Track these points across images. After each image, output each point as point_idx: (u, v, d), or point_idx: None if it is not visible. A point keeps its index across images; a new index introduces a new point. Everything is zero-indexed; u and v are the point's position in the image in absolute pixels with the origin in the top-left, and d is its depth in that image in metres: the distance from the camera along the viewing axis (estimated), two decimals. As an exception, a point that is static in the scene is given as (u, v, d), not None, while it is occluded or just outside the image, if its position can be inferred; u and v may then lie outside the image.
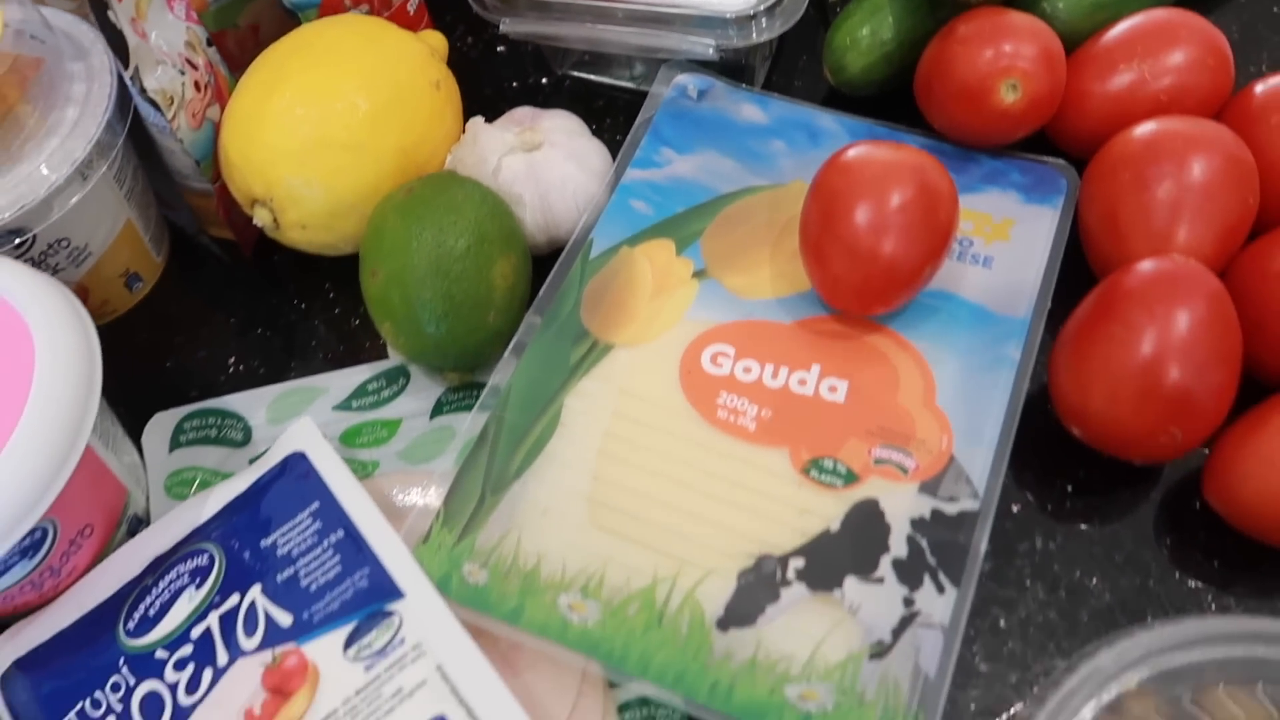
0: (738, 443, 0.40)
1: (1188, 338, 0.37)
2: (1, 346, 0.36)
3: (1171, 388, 0.37)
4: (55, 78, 0.42)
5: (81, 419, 0.35)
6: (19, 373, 0.35)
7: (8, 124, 0.41)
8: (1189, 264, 0.39)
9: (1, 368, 0.35)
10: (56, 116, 0.42)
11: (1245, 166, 0.42)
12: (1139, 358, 0.37)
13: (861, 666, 0.35)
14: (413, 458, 0.44)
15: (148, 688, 0.36)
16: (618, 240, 0.46)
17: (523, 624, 0.37)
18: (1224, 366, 0.38)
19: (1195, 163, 0.41)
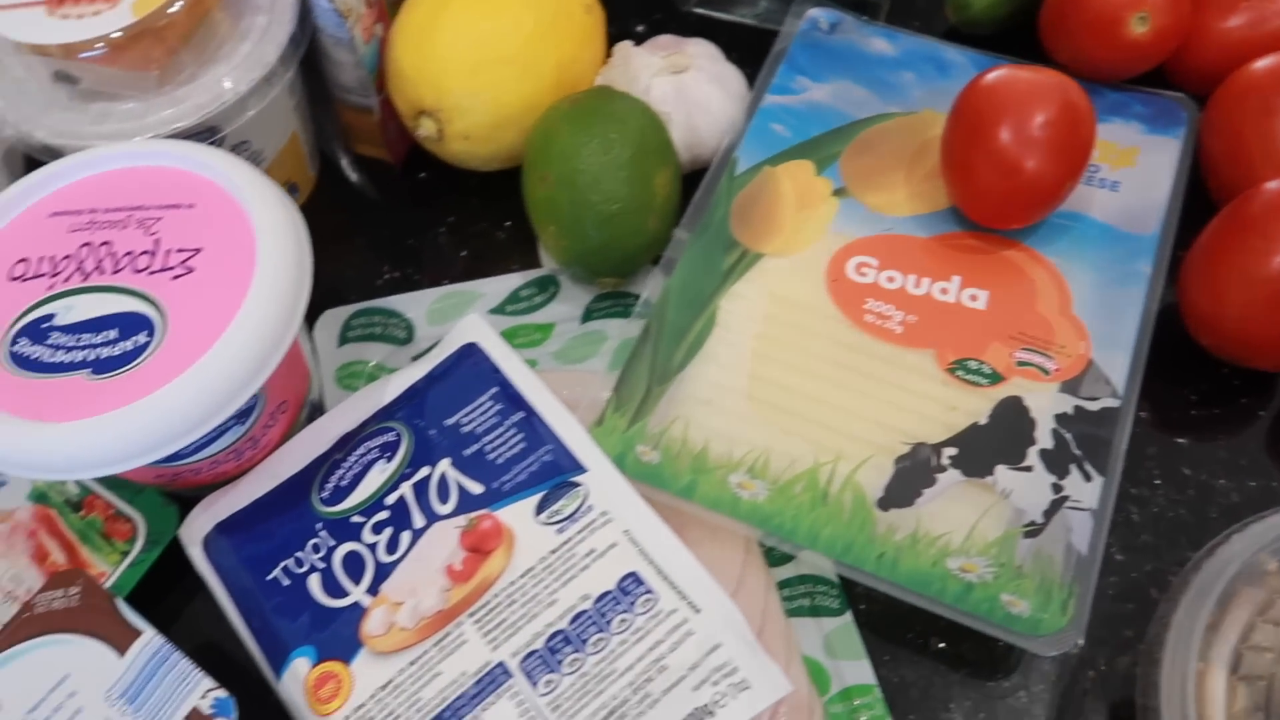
0: (885, 345, 0.43)
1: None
2: (228, 231, 0.38)
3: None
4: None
5: (297, 300, 0.38)
6: (243, 256, 0.38)
7: (205, 27, 0.43)
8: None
9: (229, 251, 0.38)
10: (247, 23, 0.45)
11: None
12: (1275, 267, 0.40)
13: (1017, 543, 0.38)
14: (566, 358, 0.47)
15: (348, 548, 0.39)
16: (760, 160, 0.49)
17: (696, 498, 0.40)
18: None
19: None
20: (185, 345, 0.36)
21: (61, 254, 0.38)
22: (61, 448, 0.34)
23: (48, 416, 0.34)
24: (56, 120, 0.43)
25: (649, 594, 0.36)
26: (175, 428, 0.35)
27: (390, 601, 0.37)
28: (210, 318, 0.36)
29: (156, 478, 0.40)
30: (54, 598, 0.37)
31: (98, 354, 0.36)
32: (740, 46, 0.56)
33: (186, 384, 0.35)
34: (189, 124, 0.43)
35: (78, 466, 0.34)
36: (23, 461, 0.34)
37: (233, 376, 0.36)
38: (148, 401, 0.34)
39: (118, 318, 0.36)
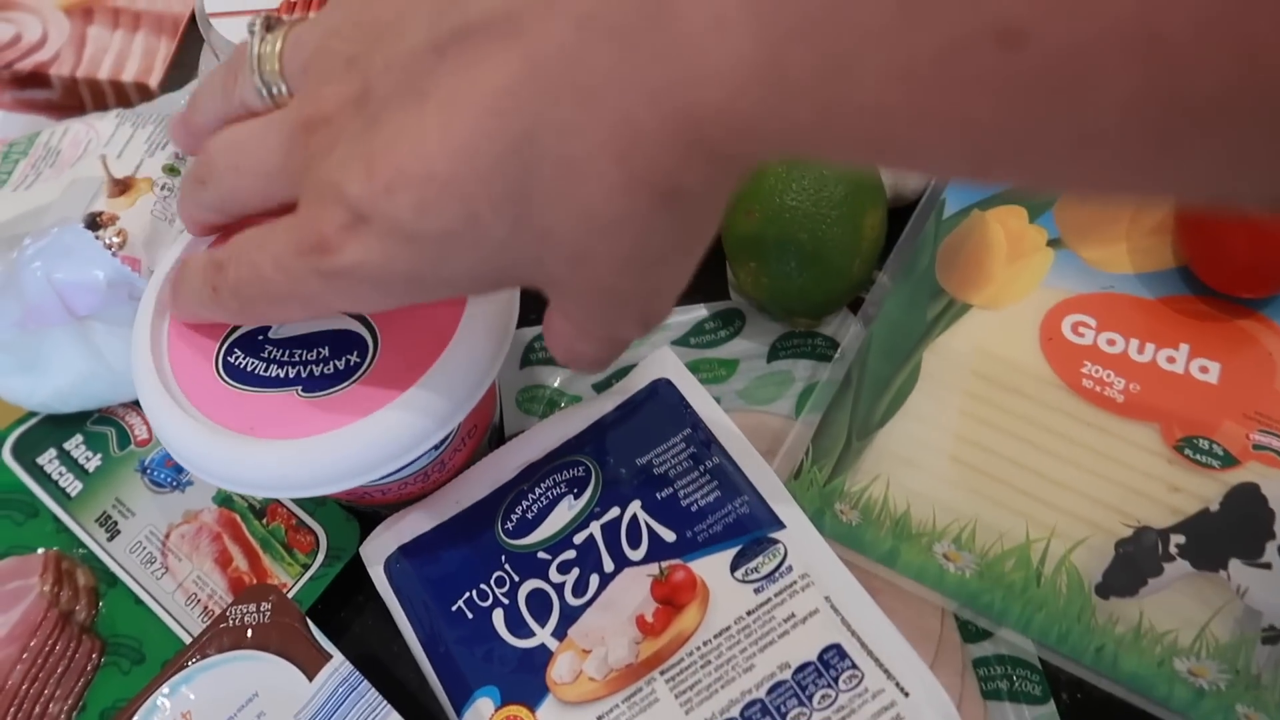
0: (1104, 413, 0.40)
1: None
2: None
3: None
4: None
5: (508, 325, 0.37)
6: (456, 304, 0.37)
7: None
8: None
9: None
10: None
11: None
12: None
13: (1255, 649, 0.35)
14: (751, 398, 0.45)
15: (533, 585, 0.38)
16: (969, 202, 0.46)
17: (899, 566, 0.38)
18: None
19: None
20: (396, 368, 0.35)
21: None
22: (271, 466, 0.34)
23: (259, 433, 0.34)
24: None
25: (853, 670, 0.34)
26: (383, 453, 0.34)
27: (578, 648, 0.36)
28: (422, 342, 0.36)
29: (346, 493, 0.39)
30: (246, 612, 0.37)
31: (309, 371, 0.35)
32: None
33: (399, 410, 0.34)
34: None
35: (285, 485, 0.34)
36: (232, 476, 0.34)
37: (443, 404, 0.35)
38: (359, 426, 0.34)
39: (330, 334, 0.36)
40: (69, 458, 0.45)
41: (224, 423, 0.34)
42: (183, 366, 0.35)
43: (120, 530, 0.43)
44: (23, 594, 0.41)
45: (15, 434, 0.46)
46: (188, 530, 0.43)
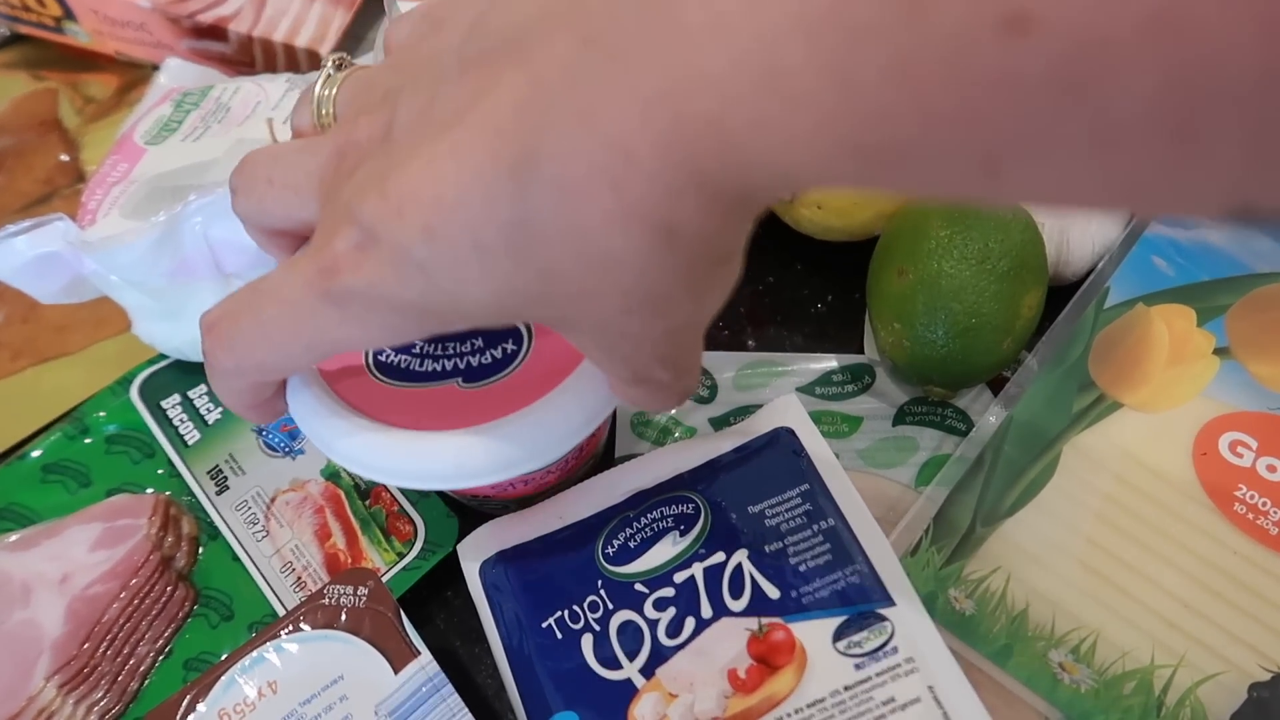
0: (1256, 545, 0.38)
1: None
2: None
3: None
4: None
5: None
6: None
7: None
8: None
9: None
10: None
11: None
12: None
13: (1392, 829, 0.32)
14: (873, 460, 0.44)
15: (626, 616, 0.37)
16: (1134, 295, 0.44)
17: (1009, 667, 0.36)
18: None
19: None
20: (554, 353, 0.35)
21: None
22: (442, 460, 0.33)
23: (425, 426, 0.33)
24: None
25: None
26: (553, 437, 0.33)
27: (665, 690, 0.35)
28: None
29: (491, 489, 0.39)
30: (343, 592, 0.37)
31: (468, 362, 0.35)
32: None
33: (563, 394, 0.33)
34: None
35: (454, 476, 0.33)
36: (402, 471, 0.34)
37: (601, 387, 0.34)
38: (527, 413, 0.33)
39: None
40: (192, 406, 0.46)
41: (390, 420, 0.34)
42: (335, 374, 0.35)
43: (229, 486, 0.44)
44: (130, 533, 0.42)
45: (144, 374, 0.47)
46: (293, 498, 0.44)
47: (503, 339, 0.35)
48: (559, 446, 0.34)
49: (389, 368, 0.35)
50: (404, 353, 0.35)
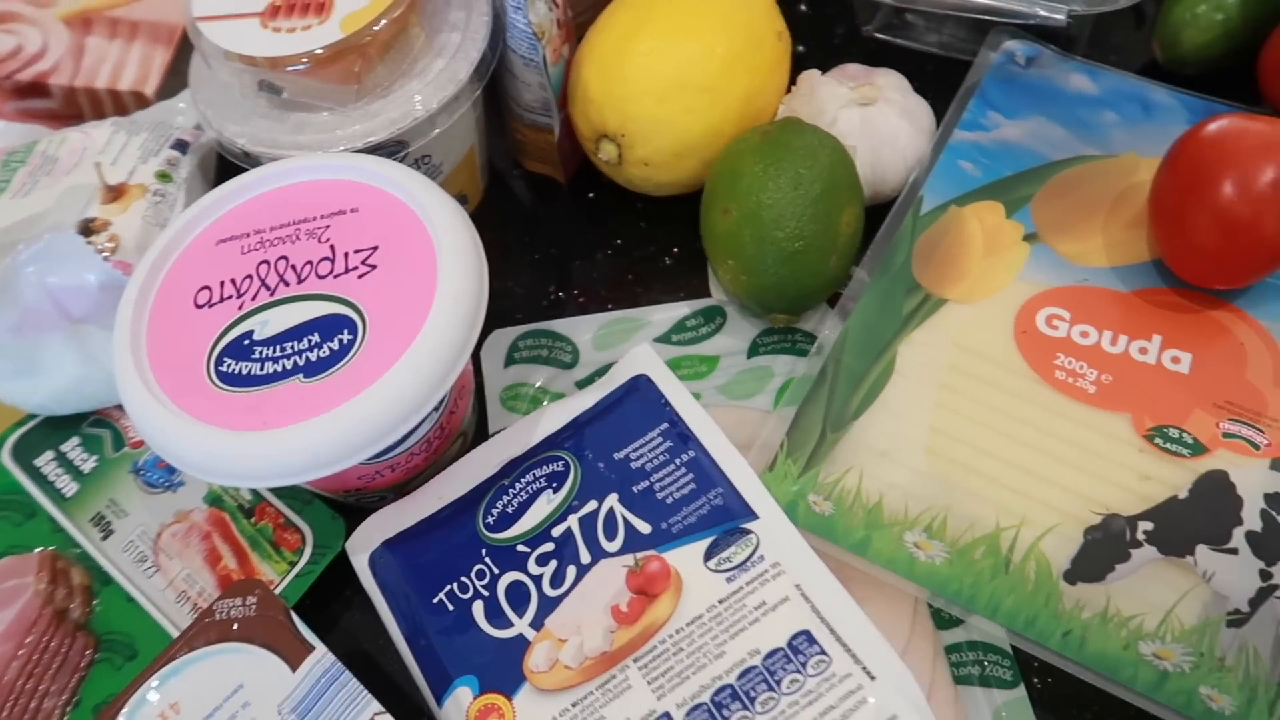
0: (1076, 404, 0.41)
1: None
2: (398, 225, 0.39)
3: None
4: (440, 4, 0.45)
5: (481, 275, 0.39)
6: (420, 242, 0.38)
7: (402, 43, 0.44)
8: None
9: (405, 242, 0.39)
10: (442, 39, 0.45)
11: None
12: None
13: (1219, 631, 0.35)
14: (732, 393, 0.46)
15: (512, 577, 0.39)
16: (946, 199, 0.47)
17: (870, 555, 0.38)
18: None
19: None
20: (391, 335, 0.36)
21: (241, 275, 0.39)
22: (291, 451, 0.35)
23: (273, 424, 0.35)
24: (257, 128, 0.44)
25: (822, 655, 0.35)
26: (397, 414, 0.35)
27: (555, 637, 0.37)
28: (408, 305, 0.37)
29: (358, 479, 0.40)
30: (232, 606, 0.38)
31: (306, 358, 0.36)
32: (925, 76, 0.54)
33: (403, 371, 0.35)
34: (380, 138, 0.43)
35: (310, 467, 0.35)
36: (256, 471, 0.35)
37: (442, 358, 0.36)
38: (369, 394, 0.35)
39: (316, 323, 0.37)
40: (65, 459, 0.46)
41: (235, 425, 0.35)
42: (172, 383, 0.36)
43: (114, 530, 0.44)
44: (19, 592, 0.42)
45: (14, 437, 0.47)
46: (179, 529, 0.44)
47: (339, 330, 0.37)
48: (403, 422, 0.35)
49: (232, 377, 0.36)
50: (244, 360, 0.36)
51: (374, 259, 0.39)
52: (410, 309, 0.37)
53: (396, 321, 0.37)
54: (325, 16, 0.42)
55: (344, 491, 0.42)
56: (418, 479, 0.43)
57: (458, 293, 0.37)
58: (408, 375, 0.35)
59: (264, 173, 0.41)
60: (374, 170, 0.41)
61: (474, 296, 0.38)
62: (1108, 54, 0.55)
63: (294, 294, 0.38)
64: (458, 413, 0.42)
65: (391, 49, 0.44)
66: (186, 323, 0.38)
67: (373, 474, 0.40)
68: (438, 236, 0.38)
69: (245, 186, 0.41)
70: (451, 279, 0.37)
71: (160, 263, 0.40)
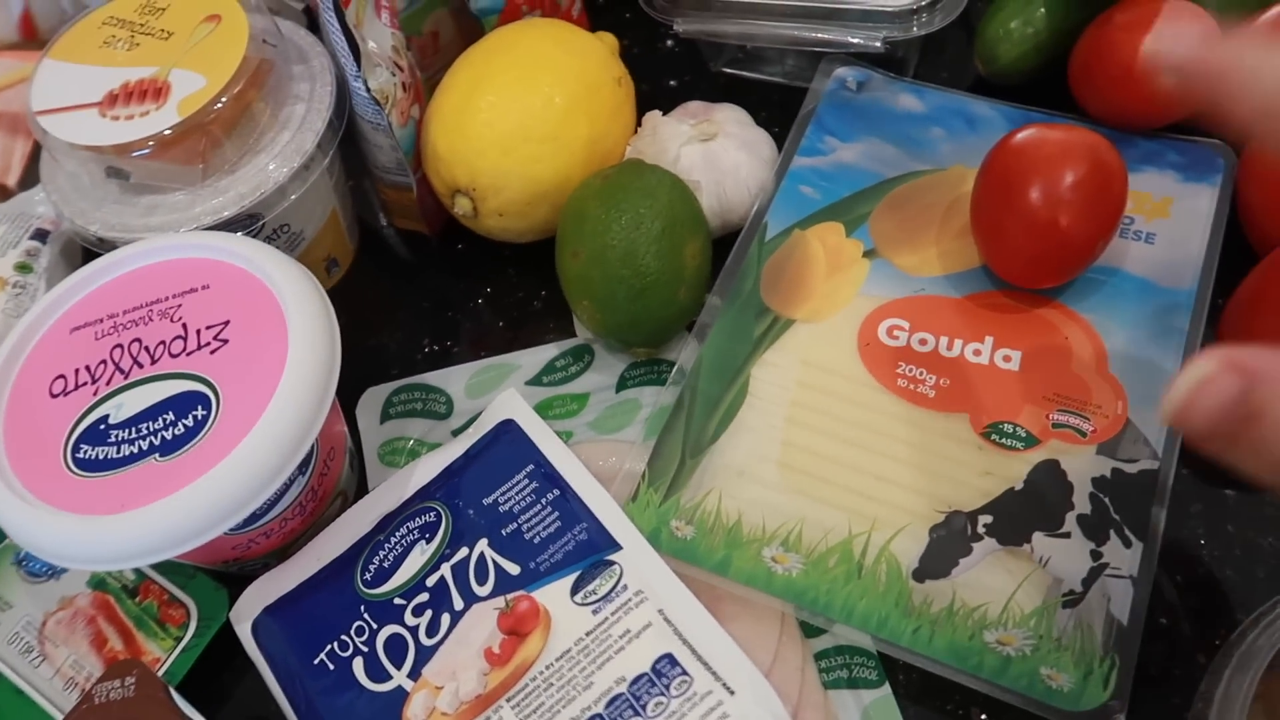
0: (918, 410, 0.43)
1: (1365, 304, 0.39)
2: (248, 298, 0.41)
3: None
4: (283, 78, 0.46)
5: (333, 340, 0.40)
6: (270, 314, 0.40)
7: (246, 119, 0.45)
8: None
9: (255, 315, 0.40)
10: (287, 112, 0.46)
11: None
12: (1317, 323, 0.39)
13: (1056, 613, 0.37)
14: (602, 428, 0.48)
15: (390, 630, 0.40)
16: (790, 223, 0.49)
17: (730, 574, 0.40)
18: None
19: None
20: (244, 407, 0.37)
21: (96, 361, 0.39)
22: (150, 530, 0.35)
23: (130, 505, 0.36)
24: (109, 214, 0.45)
25: (684, 676, 0.36)
26: (254, 484, 0.36)
27: (431, 685, 0.38)
28: (260, 376, 0.38)
29: (233, 549, 0.41)
30: (111, 688, 0.38)
31: (161, 437, 0.37)
32: (769, 105, 0.56)
33: (256, 441, 0.36)
34: (233, 213, 0.44)
35: (170, 543, 0.36)
36: (118, 553, 0.36)
37: (296, 425, 0.37)
38: (224, 466, 0.36)
39: (170, 401, 0.38)
40: (-56, 557, 0.46)
41: (93, 510, 0.36)
42: (29, 473, 0.37)
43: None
44: (-99, 695, 0.42)
45: (-109, 539, 0.47)
46: (63, 616, 0.44)
47: (192, 406, 0.38)
48: (260, 492, 0.36)
49: (89, 463, 0.37)
50: (100, 444, 0.37)
51: (225, 333, 0.40)
52: (262, 380, 0.38)
53: (249, 393, 0.38)
54: (162, 101, 0.43)
55: (224, 562, 0.43)
56: (297, 542, 0.44)
57: (308, 359, 0.38)
58: (261, 444, 0.36)
59: (115, 257, 0.42)
60: (221, 246, 0.42)
61: (325, 362, 0.39)
62: (940, 72, 0.57)
63: (147, 375, 0.39)
64: (330, 474, 0.43)
65: (236, 126, 0.45)
66: (42, 413, 0.39)
67: (246, 543, 0.41)
68: (286, 305, 0.39)
69: (98, 272, 0.42)
70: (301, 346, 0.38)
71: (14, 356, 0.40)
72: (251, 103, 0.45)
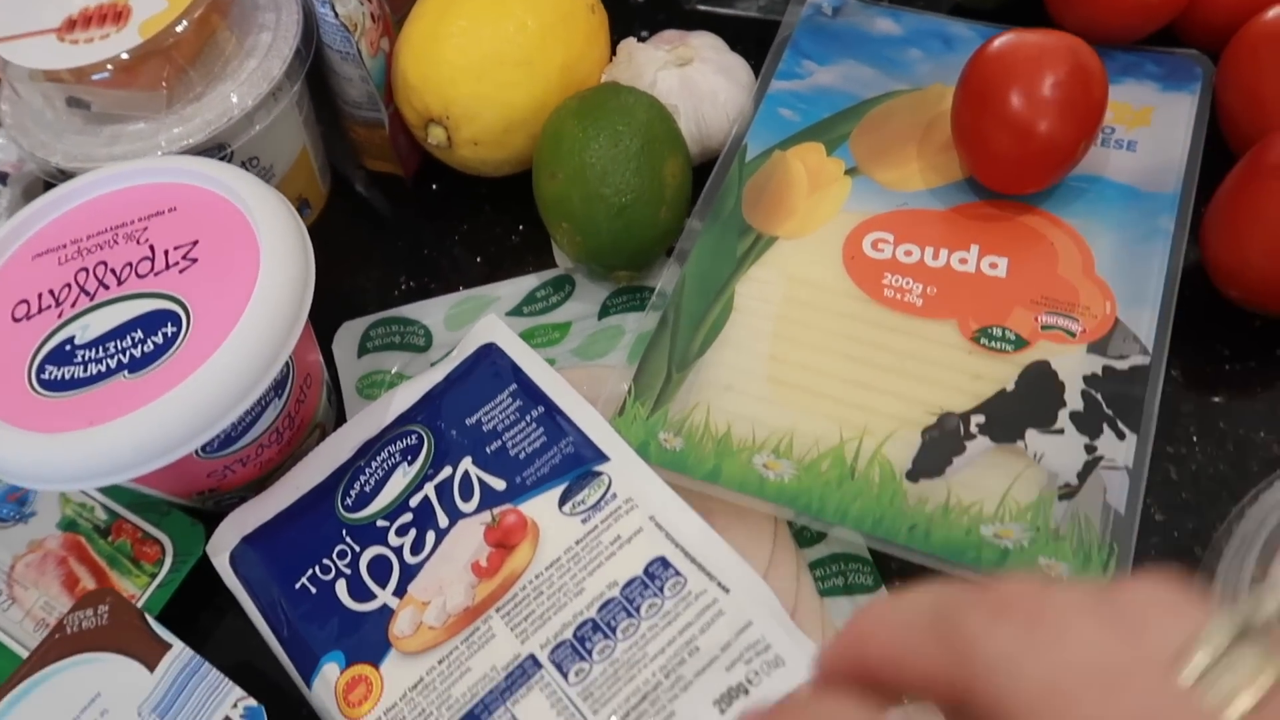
0: (906, 318, 0.42)
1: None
2: (216, 218, 0.40)
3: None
4: (248, 6, 0.45)
5: (306, 261, 0.39)
6: (241, 233, 0.39)
7: (211, 46, 0.44)
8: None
9: (224, 234, 0.39)
10: (253, 40, 0.45)
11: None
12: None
13: (1052, 506, 0.37)
14: (586, 354, 0.47)
15: (374, 552, 0.39)
16: (770, 145, 0.48)
17: (722, 481, 0.39)
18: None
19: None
20: (215, 323, 0.36)
21: (60, 285, 0.38)
22: (119, 445, 0.34)
23: (99, 421, 0.34)
24: (70, 145, 0.43)
25: (677, 577, 0.35)
26: (226, 398, 0.35)
27: (417, 601, 0.37)
28: (231, 292, 0.37)
29: (209, 476, 0.40)
30: (83, 618, 0.37)
31: (130, 355, 0.36)
32: (745, 38, 0.56)
33: (229, 354, 0.35)
34: (197, 140, 0.43)
35: (141, 460, 0.35)
36: (88, 470, 0.34)
37: (269, 340, 0.36)
38: (196, 379, 0.35)
39: (138, 320, 0.37)
40: (-92, 506, 0.45)
41: (60, 428, 0.35)
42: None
43: (-35, 569, 0.43)
44: None
45: None
46: (33, 559, 0.43)
47: (162, 324, 0.36)
48: (233, 406, 0.35)
49: (54, 383, 0.36)
50: (66, 364, 0.36)
51: (194, 253, 0.38)
52: (234, 295, 0.37)
53: (220, 309, 0.37)
54: (123, 24, 0.42)
55: (199, 494, 0.42)
56: (274, 474, 0.42)
57: (280, 274, 0.37)
58: (234, 358, 0.35)
59: (77, 184, 0.41)
60: (187, 169, 0.40)
61: (298, 278, 0.38)
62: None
63: (114, 296, 0.38)
64: (306, 403, 0.42)
65: (200, 53, 0.44)
66: (4, 338, 0.37)
67: (222, 469, 0.40)
68: (256, 221, 0.38)
69: (60, 200, 0.41)
70: (273, 261, 0.37)
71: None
72: (216, 29, 0.44)
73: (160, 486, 0.40)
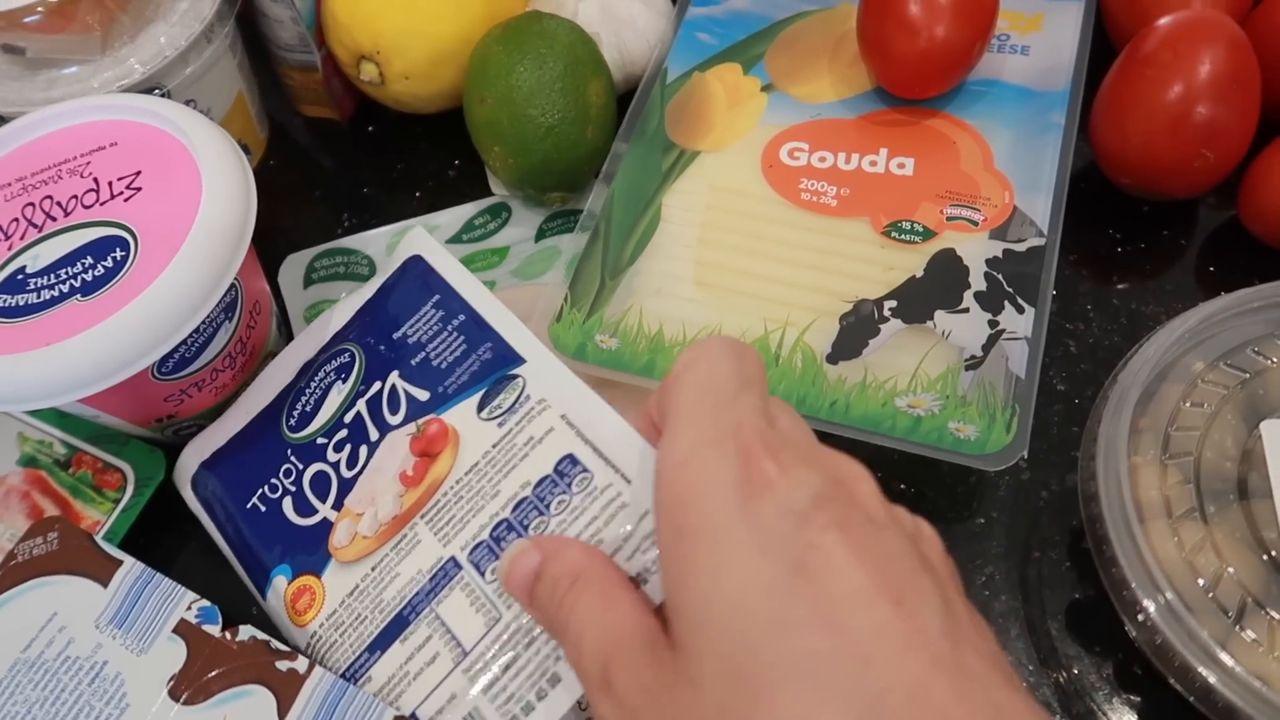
0: (823, 218, 0.45)
1: (1211, 71, 0.42)
2: (157, 148, 0.41)
3: (1200, 115, 0.42)
4: (176, -50, 0.47)
5: (248, 184, 0.40)
6: (182, 161, 0.40)
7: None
8: (1207, 11, 0.44)
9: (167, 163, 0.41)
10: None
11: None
12: (1170, 93, 0.42)
13: (960, 376, 0.40)
14: (524, 274, 0.49)
15: (315, 469, 0.40)
16: (689, 67, 0.51)
17: (657, 375, 0.41)
18: (1245, 97, 0.43)
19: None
20: (163, 244, 0.38)
21: (8, 220, 0.40)
22: (75, 362, 0.36)
23: (54, 340, 0.36)
24: (7, 91, 0.45)
25: (584, 473, 0.36)
26: (177, 314, 0.37)
27: (353, 513, 0.38)
28: (176, 214, 0.38)
29: (166, 400, 0.41)
30: (34, 546, 0.38)
31: (82, 279, 0.37)
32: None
33: (177, 270, 0.37)
34: (133, 82, 0.44)
35: (99, 375, 0.36)
36: (46, 388, 0.36)
37: (214, 258, 0.38)
38: (147, 295, 0.36)
39: (87, 247, 0.38)
40: None
41: (14, 349, 0.36)
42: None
43: (-71, 508, 0.44)
44: None
45: None
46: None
47: (111, 250, 0.38)
48: (185, 322, 0.37)
49: (8, 310, 0.37)
50: (19, 293, 0.37)
51: (138, 182, 0.40)
52: (178, 218, 0.38)
53: (167, 231, 0.38)
54: (52, -35, 0.43)
55: (158, 421, 0.43)
56: (229, 401, 0.44)
57: (222, 193, 0.39)
58: (183, 274, 0.37)
59: (17, 124, 0.42)
60: (126, 104, 0.42)
61: (240, 197, 0.39)
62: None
63: (63, 226, 0.39)
64: (257, 329, 0.44)
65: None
66: (-46, 273, 0.39)
67: (179, 394, 0.41)
68: (195, 148, 0.40)
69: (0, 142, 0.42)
70: (214, 182, 0.39)
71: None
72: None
73: (120, 413, 0.42)
